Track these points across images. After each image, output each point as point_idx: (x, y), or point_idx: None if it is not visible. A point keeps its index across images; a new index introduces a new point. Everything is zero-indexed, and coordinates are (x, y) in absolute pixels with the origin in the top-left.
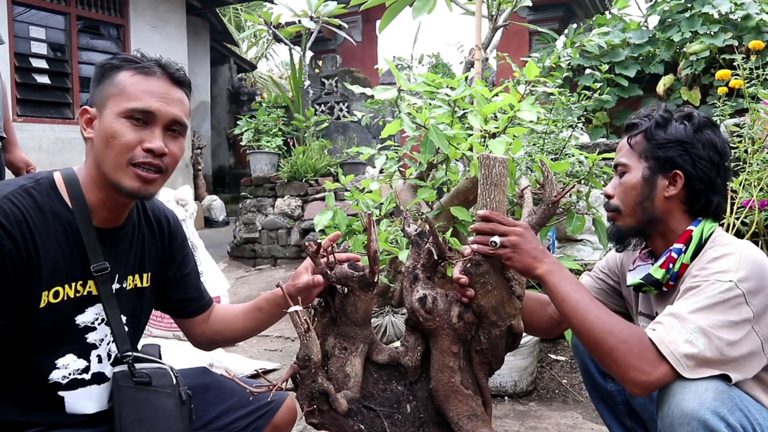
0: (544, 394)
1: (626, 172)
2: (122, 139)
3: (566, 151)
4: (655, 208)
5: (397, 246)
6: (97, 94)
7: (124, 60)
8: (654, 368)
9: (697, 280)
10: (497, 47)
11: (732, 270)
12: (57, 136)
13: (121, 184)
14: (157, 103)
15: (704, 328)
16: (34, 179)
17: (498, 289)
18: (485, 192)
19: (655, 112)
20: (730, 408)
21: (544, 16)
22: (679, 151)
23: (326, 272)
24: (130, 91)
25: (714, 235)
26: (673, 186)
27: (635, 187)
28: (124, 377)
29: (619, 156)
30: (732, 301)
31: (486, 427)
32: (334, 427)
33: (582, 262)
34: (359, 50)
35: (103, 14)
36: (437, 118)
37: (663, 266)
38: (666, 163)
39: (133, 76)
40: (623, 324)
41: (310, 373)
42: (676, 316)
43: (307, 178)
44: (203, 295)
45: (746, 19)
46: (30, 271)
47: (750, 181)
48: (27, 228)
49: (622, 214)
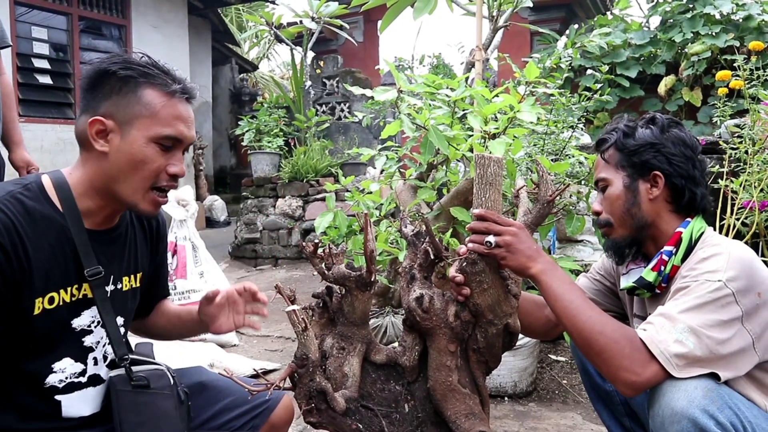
0: (543, 395)
1: (608, 185)
2: (153, 165)
3: (566, 151)
4: (643, 212)
5: (397, 247)
6: (118, 110)
7: (144, 74)
8: (644, 368)
9: (686, 280)
10: (498, 48)
11: (721, 270)
12: (59, 136)
13: (139, 207)
14: (185, 130)
15: (694, 327)
16: (22, 184)
17: (494, 287)
18: (480, 191)
19: (620, 123)
20: (719, 406)
21: (546, 16)
22: (652, 153)
23: (324, 272)
24: (161, 116)
25: (704, 236)
26: (655, 187)
27: (619, 197)
28: (122, 381)
29: (598, 173)
30: (721, 301)
31: (484, 426)
32: (332, 425)
33: (582, 263)
34: (360, 51)
35: (105, 14)
36: (437, 119)
37: (654, 269)
38: (643, 167)
39: (161, 97)
40: (615, 324)
41: (307, 372)
42: (666, 317)
43: (308, 179)
44: (167, 291)
45: (748, 20)
46: (21, 280)
47: (750, 182)
48: (17, 235)
49: (614, 227)
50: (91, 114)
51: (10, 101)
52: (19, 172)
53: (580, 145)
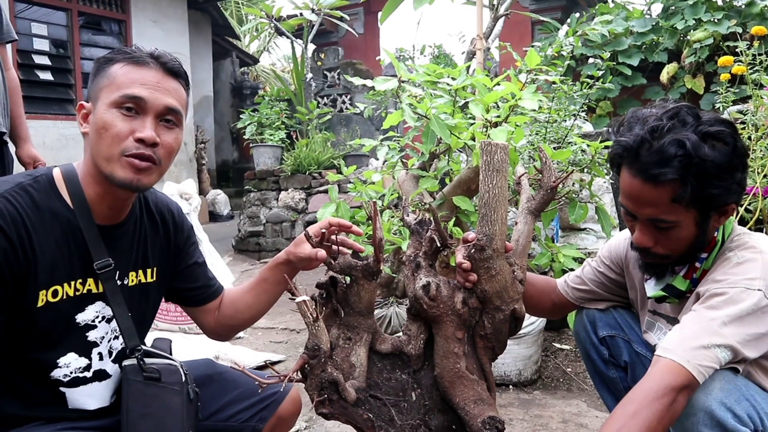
0: (548, 383)
1: (674, 227)
2: (113, 130)
3: (569, 139)
4: (706, 239)
5: (400, 237)
6: (92, 88)
7: (117, 52)
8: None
9: (722, 286)
10: (499, 37)
11: (759, 277)
12: (60, 132)
13: (114, 176)
14: (147, 91)
15: (733, 345)
16: (32, 176)
17: (501, 273)
18: (487, 178)
19: (669, 145)
20: (737, 398)
21: (547, 5)
22: (735, 188)
23: (330, 262)
24: (120, 80)
25: (732, 235)
26: (725, 216)
27: (690, 238)
28: (133, 371)
29: (659, 213)
30: (761, 312)
31: (492, 411)
32: (344, 416)
33: (585, 251)
34: (361, 42)
35: (105, 10)
36: (439, 108)
37: (687, 276)
38: (718, 201)
39: (124, 66)
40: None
41: (319, 363)
42: (706, 328)
43: (311, 171)
44: (212, 283)
45: (750, 6)
46: (26, 271)
47: (753, 167)
48: (24, 227)
49: (670, 258)
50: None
51: (17, 97)
52: (25, 167)
53: (583, 134)
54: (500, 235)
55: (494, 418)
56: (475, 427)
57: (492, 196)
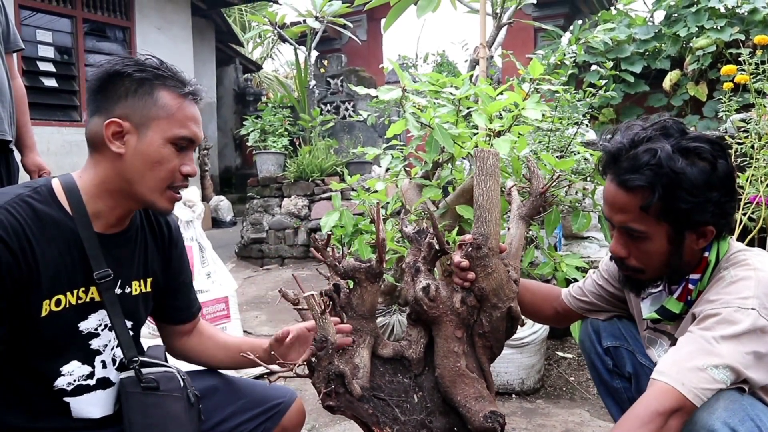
0: (551, 392)
1: (645, 238)
2: (169, 165)
3: (572, 148)
4: (683, 260)
5: (403, 245)
6: (136, 111)
7: (158, 76)
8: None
9: (716, 307)
10: (502, 45)
11: (752, 296)
12: (65, 138)
13: (155, 205)
14: (198, 131)
15: (732, 365)
16: (32, 187)
17: (497, 271)
18: (481, 182)
19: (644, 154)
20: (741, 418)
21: (549, 12)
22: (709, 208)
23: (335, 264)
24: (178, 117)
25: (728, 253)
26: (704, 239)
27: (660, 252)
28: (131, 383)
29: (628, 220)
30: (758, 331)
31: (493, 407)
32: (350, 410)
33: (588, 260)
34: (364, 49)
35: (109, 17)
36: (442, 117)
37: (681, 299)
38: (694, 221)
39: (176, 99)
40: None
41: (327, 355)
42: (702, 349)
43: (314, 178)
44: (191, 305)
45: (753, 13)
46: (29, 282)
47: (756, 176)
48: (25, 239)
49: (645, 273)
50: (105, 116)
51: (24, 105)
52: (30, 175)
53: (586, 142)
54: (494, 235)
55: (495, 412)
56: (477, 422)
57: (486, 198)
